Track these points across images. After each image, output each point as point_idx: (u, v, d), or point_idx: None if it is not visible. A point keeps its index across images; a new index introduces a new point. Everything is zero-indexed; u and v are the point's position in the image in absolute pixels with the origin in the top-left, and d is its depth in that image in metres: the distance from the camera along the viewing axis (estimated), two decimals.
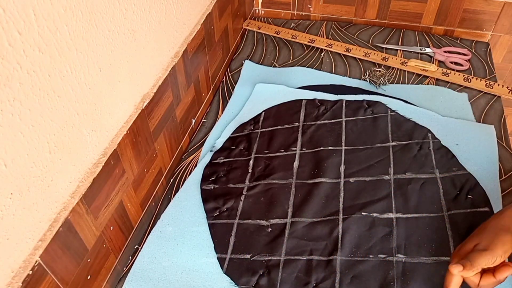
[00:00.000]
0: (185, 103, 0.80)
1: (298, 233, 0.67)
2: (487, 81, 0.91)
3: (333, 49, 1.01)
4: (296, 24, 1.12)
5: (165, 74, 0.69)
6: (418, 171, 0.72)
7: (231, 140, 0.82)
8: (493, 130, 0.79)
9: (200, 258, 0.65)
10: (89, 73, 0.50)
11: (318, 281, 0.61)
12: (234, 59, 1.02)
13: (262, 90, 0.91)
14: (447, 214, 0.66)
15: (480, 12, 1.01)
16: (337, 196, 0.70)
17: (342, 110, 0.84)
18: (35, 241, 0.46)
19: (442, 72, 0.93)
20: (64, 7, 0.43)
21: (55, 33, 0.43)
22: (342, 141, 0.78)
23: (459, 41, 1.03)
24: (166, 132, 0.73)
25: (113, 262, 0.63)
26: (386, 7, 1.06)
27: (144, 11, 0.59)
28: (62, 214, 0.49)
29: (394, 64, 0.96)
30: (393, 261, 0.62)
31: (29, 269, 0.45)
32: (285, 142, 0.80)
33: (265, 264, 0.64)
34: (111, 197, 0.59)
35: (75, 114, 0.49)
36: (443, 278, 0.59)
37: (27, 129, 0.42)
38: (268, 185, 0.73)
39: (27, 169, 0.43)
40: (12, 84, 0.39)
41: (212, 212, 0.71)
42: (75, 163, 0.51)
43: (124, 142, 0.60)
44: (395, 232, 0.65)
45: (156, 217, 0.72)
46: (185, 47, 0.74)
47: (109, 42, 0.52)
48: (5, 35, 0.37)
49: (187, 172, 0.78)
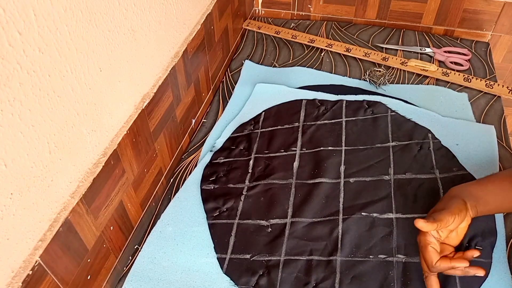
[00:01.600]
0: (185, 103, 0.80)
1: (298, 233, 0.67)
2: (487, 81, 0.91)
3: (333, 49, 1.01)
4: (296, 24, 1.12)
5: (165, 74, 0.69)
6: (418, 171, 0.72)
7: (231, 140, 0.82)
8: (493, 130, 0.79)
9: (200, 258, 0.65)
10: (89, 73, 0.50)
11: (318, 281, 0.61)
12: (234, 59, 1.02)
13: (262, 90, 0.91)
14: None
15: (480, 12, 1.01)
16: (337, 196, 0.70)
17: (342, 110, 0.84)
18: (35, 241, 0.46)
19: (442, 72, 0.93)
20: (64, 7, 0.43)
21: (55, 33, 0.43)
22: (342, 141, 0.78)
23: (459, 41, 1.03)
24: (166, 132, 0.73)
25: (113, 262, 0.63)
26: (386, 7, 1.06)
27: (144, 11, 0.59)
28: (62, 214, 0.49)
29: (394, 64, 0.96)
30: (393, 262, 0.62)
31: (29, 269, 0.45)
32: (285, 142, 0.80)
33: (265, 264, 0.64)
34: (111, 197, 0.59)
35: (75, 114, 0.49)
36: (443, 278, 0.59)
37: (27, 129, 0.42)
38: (268, 185, 0.73)
39: (27, 169, 0.43)
40: (12, 84, 0.39)
41: (212, 212, 0.71)
42: (75, 163, 0.51)
43: (124, 142, 0.60)
44: (395, 232, 0.65)
45: (156, 217, 0.72)
46: (185, 47, 0.74)
47: (109, 42, 0.52)
48: (5, 35, 0.37)
49: (187, 172, 0.78)
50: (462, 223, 0.55)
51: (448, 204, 0.55)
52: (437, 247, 0.54)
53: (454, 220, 0.54)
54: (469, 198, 0.56)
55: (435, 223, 0.53)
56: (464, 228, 0.57)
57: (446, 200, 0.57)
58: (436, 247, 0.54)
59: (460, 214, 0.54)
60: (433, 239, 0.54)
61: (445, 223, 0.53)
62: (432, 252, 0.54)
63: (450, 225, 0.54)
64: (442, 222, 0.53)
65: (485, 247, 0.62)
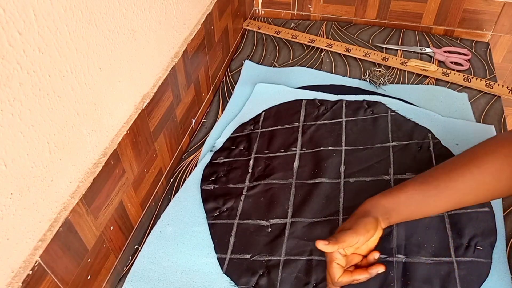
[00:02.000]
0: (185, 103, 0.80)
1: (298, 233, 0.67)
2: (487, 81, 0.91)
3: (333, 49, 1.01)
4: (296, 24, 1.12)
5: (165, 74, 0.69)
6: (418, 171, 0.71)
7: (231, 140, 0.82)
8: (493, 130, 0.79)
9: (200, 258, 0.65)
10: (89, 73, 0.50)
11: (318, 281, 0.61)
12: (234, 59, 1.02)
13: (262, 90, 0.91)
14: (447, 214, 0.66)
15: (480, 12, 1.01)
16: (337, 196, 0.70)
17: (342, 110, 0.84)
18: (35, 241, 0.46)
19: (442, 72, 0.93)
20: (64, 7, 0.43)
21: (55, 33, 0.43)
22: (342, 141, 0.78)
23: (459, 41, 1.03)
24: (166, 132, 0.73)
25: (113, 262, 0.63)
26: (386, 7, 1.06)
27: (144, 11, 0.59)
28: (62, 214, 0.49)
29: (394, 64, 0.96)
30: (393, 262, 0.62)
31: (29, 269, 0.45)
32: (285, 142, 0.80)
33: (265, 264, 0.64)
34: (111, 197, 0.59)
35: (75, 114, 0.49)
36: (443, 278, 0.60)
37: (27, 129, 0.42)
38: (268, 185, 0.73)
39: (27, 169, 0.43)
40: (12, 84, 0.39)
41: (212, 212, 0.71)
42: (75, 163, 0.51)
43: (124, 142, 0.60)
44: (395, 232, 0.65)
45: (156, 217, 0.72)
46: (185, 47, 0.74)
47: (109, 42, 0.52)
48: (5, 35, 0.37)
49: (187, 172, 0.78)
50: (372, 237, 0.56)
51: (355, 224, 0.55)
52: (342, 262, 0.55)
53: (359, 240, 0.54)
54: (381, 213, 0.57)
55: (336, 245, 0.53)
56: (375, 240, 0.57)
57: (355, 217, 0.57)
58: (341, 262, 0.55)
59: (367, 234, 0.55)
60: (339, 255, 0.55)
61: (348, 243, 0.54)
62: (336, 268, 0.55)
63: (356, 244, 0.55)
64: (344, 243, 0.54)
65: (485, 247, 0.62)
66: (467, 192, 0.56)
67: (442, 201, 0.56)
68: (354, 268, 0.57)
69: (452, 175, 0.55)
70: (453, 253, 0.62)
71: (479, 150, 0.56)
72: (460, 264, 0.61)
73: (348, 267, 0.57)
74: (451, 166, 0.57)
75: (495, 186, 0.55)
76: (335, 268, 0.55)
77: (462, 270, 0.60)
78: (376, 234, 0.57)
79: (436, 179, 0.56)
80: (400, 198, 0.57)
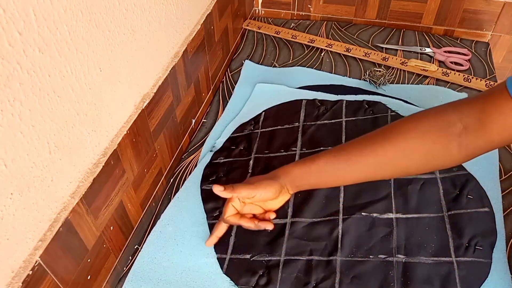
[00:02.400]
0: (185, 103, 0.80)
1: (298, 233, 0.67)
2: (487, 81, 0.91)
3: (333, 49, 1.01)
4: (296, 24, 1.12)
5: (165, 74, 0.69)
6: None
7: (231, 140, 0.82)
8: None
9: (200, 258, 0.65)
10: (89, 73, 0.50)
11: (318, 281, 0.61)
12: (234, 59, 1.02)
13: (262, 90, 0.91)
14: (447, 215, 0.66)
15: (480, 12, 1.01)
16: (337, 196, 0.70)
17: (342, 110, 0.84)
18: (35, 241, 0.46)
19: (442, 72, 0.93)
20: (64, 7, 0.43)
21: (55, 33, 0.43)
22: (342, 141, 0.78)
23: (459, 41, 1.04)
24: (166, 132, 0.73)
25: (113, 262, 0.63)
26: (386, 7, 1.06)
27: (144, 11, 0.59)
28: (62, 214, 0.49)
29: (394, 64, 0.96)
30: (393, 262, 0.62)
31: (29, 269, 0.45)
32: (285, 142, 0.80)
33: (265, 264, 0.64)
34: (111, 197, 0.59)
35: (75, 114, 0.49)
36: (443, 278, 0.60)
37: (27, 129, 0.42)
38: None
39: (27, 169, 0.43)
40: (12, 84, 0.39)
41: (212, 212, 0.71)
42: (75, 163, 0.51)
43: (124, 142, 0.60)
44: (395, 232, 0.65)
45: (156, 217, 0.72)
46: (185, 47, 0.74)
47: (109, 42, 0.52)
48: (5, 35, 0.37)
49: (187, 172, 0.78)
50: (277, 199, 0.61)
51: (258, 182, 0.60)
52: (237, 206, 0.61)
53: (255, 196, 0.59)
54: (289, 180, 0.61)
55: (230, 193, 0.59)
56: (280, 202, 0.63)
57: (265, 177, 0.61)
58: (237, 206, 0.61)
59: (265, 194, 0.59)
60: (237, 200, 0.61)
61: (243, 195, 0.60)
62: (230, 208, 0.61)
63: (252, 198, 0.60)
64: (239, 194, 0.59)
65: (485, 247, 0.62)
66: (377, 168, 0.58)
67: (351, 174, 0.59)
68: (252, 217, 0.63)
69: (365, 151, 0.57)
70: (453, 253, 0.62)
71: (395, 128, 0.57)
72: (460, 264, 0.61)
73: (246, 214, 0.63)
74: (365, 141, 0.58)
75: (406, 164, 0.57)
76: (229, 208, 0.61)
77: (462, 270, 0.60)
78: (281, 197, 0.62)
79: (348, 153, 0.59)
80: (311, 168, 0.60)
